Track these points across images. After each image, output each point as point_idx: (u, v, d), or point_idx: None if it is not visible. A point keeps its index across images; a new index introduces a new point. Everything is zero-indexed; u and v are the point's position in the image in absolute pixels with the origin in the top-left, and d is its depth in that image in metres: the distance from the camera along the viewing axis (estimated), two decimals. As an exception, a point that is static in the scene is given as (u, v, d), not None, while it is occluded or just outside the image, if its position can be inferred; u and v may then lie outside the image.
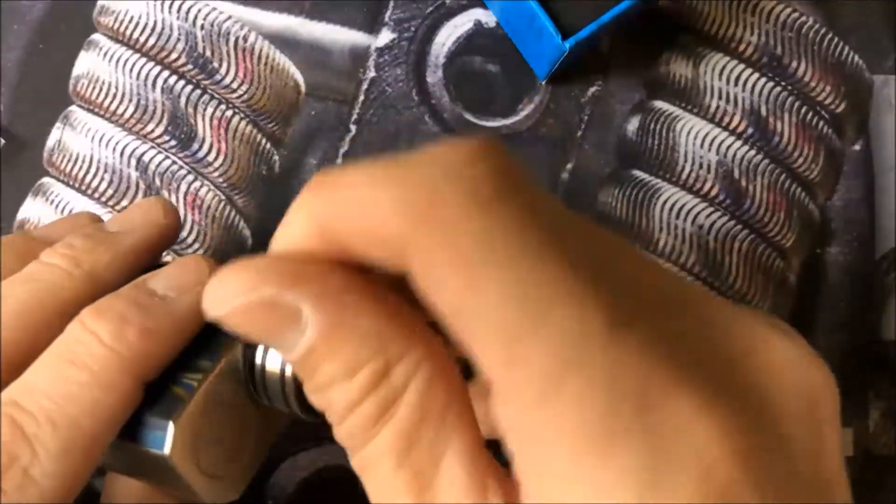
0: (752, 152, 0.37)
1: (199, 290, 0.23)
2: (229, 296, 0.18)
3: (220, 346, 0.23)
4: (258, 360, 0.23)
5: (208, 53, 0.36)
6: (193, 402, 0.22)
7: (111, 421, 0.22)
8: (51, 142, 0.36)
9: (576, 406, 0.15)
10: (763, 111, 0.37)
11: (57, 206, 0.36)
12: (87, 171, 0.36)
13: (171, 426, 0.22)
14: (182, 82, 0.36)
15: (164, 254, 0.36)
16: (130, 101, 0.36)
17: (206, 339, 0.24)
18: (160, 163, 0.36)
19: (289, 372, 0.23)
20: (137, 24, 0.36)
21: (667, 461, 0.15)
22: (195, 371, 0.23)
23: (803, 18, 0.37)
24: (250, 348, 0.23)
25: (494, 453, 0.17)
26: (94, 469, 0.22)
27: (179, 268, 0.24)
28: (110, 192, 0.36)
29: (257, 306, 0.17)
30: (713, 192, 0.36)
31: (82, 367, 0.22)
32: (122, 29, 0.37)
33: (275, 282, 0.17)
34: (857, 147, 0.37)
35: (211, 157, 0.36)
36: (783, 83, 0.37)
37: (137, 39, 0.36)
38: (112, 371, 0.22)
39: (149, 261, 0.26)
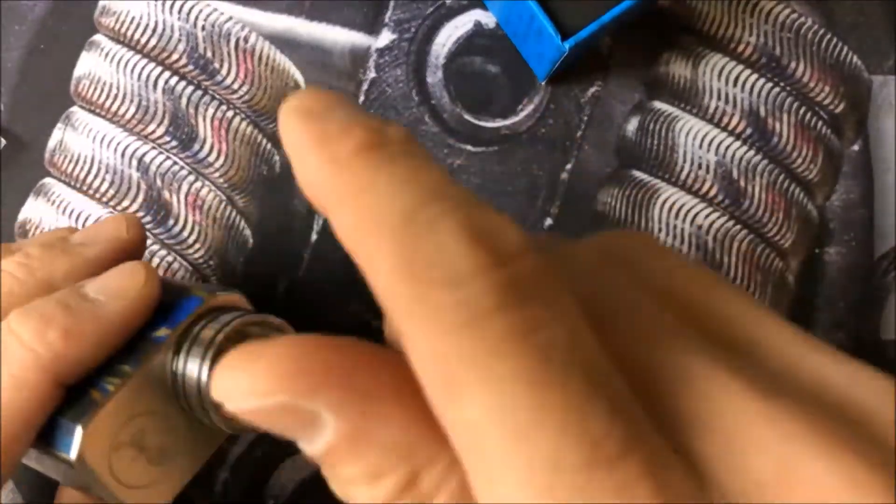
0: (751, 153, 0.37)
1: (132, 297, 0.23)
2: (240, 395, 0.16)
3: (147, 353, 0.23)
4: (178, 370, 0.23)
5: (209, 54, 0.36)
6: (106, 407, 0.22)
7: (27, 421, 0.22)
8: (52, 142, 0.36)
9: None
10: (762, 112, 0.37)
11: (58, 207, 0.36)
12: (89, 172, 0.36)
13: (78, 430, 0.21)
14: (183, 83, 0.36)
15: (172, 261, 0.36)
16: (131, 101, 0.36)
17: (137, 344, 0.23)
18: (161, 163, 0.36)
19: (205, 380, 0.22)
20: (138, 24, 0.37)
21: None
22: (116, 375, 0.23)
23: (802, 19, 0.37)
24: (174, 357, 0.23)
25: None
26: (14, 470, 0.22)
27: (117, 273, 0.24)
28: (111, 192, 0.36)
29: (273, 410, 0.16)
30: (712, 193, 0.36)
31: (2, 369, 0.22)
32: (123, 30, 0.37)
33: (291, 388, 0.16)
34: (855, 147, 0.37)
35: (212, 158, 0.36)
36: (782, 84, 0.37)
37: (138, 40, 0.37)
38: (29, 371, 0.22)
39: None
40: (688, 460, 0.15)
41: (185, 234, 0.36)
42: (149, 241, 0.36)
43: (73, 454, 0.21)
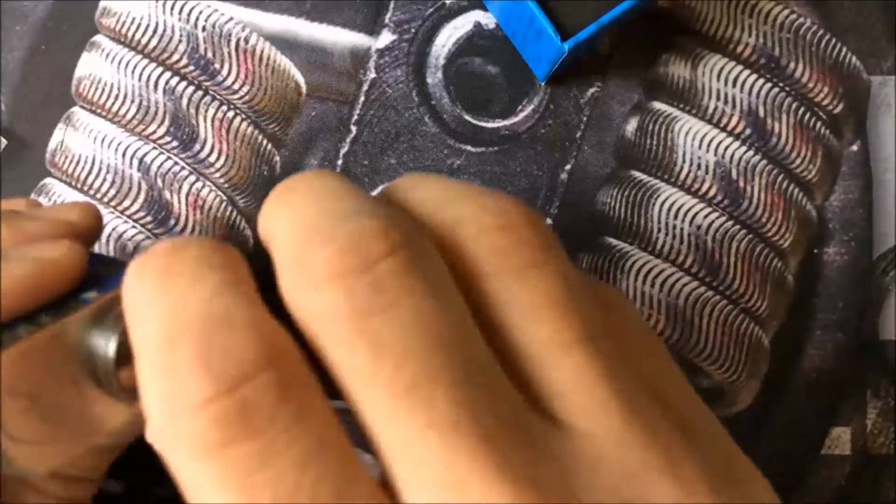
0: (750, 153, 0.37)
1: (44, 261, 0.22)
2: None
3: (69, 309, 0.22)
4: (92, 336, 0.22)
5: (210, 55, 0.37)
6: (13, 348, 0.21)
7: None
8: (53, 142, 0.37)
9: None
10: (761, 112, 0.37)
11: (59, 207, 0.36)
12: (90, 172, 0.36)
13: None
14: (184, 83, 0.36)
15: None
16: (132, 102, 0.36)
17: (63, 301, 0.22)
18: (162, 163, 0.36)
19: (111, 352, 0.21)
20: (139, 25, 0.37)
21: None
22: (31, 323, 0.22)
23: (801, 20, 0.37)
24: (92, 324, 0.22)
25: None
26: None
27: (43, 243, 0.23)
28: (112, 192, 0.36)
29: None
30: (711, 193, 0.36)
31: None
32: (124, 30, 0.37)
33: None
34: (854, 148, 0.37)
35: (212, 158, 0.36)
36: (781, 84, 0.37)
37: (139, 41, 0.37)
38: None
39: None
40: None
41: (186, 234, 0.36)
42: (149, 242, 0.36)
43: None
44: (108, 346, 0.22)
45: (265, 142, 0.37)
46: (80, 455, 0.22)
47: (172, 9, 0.37)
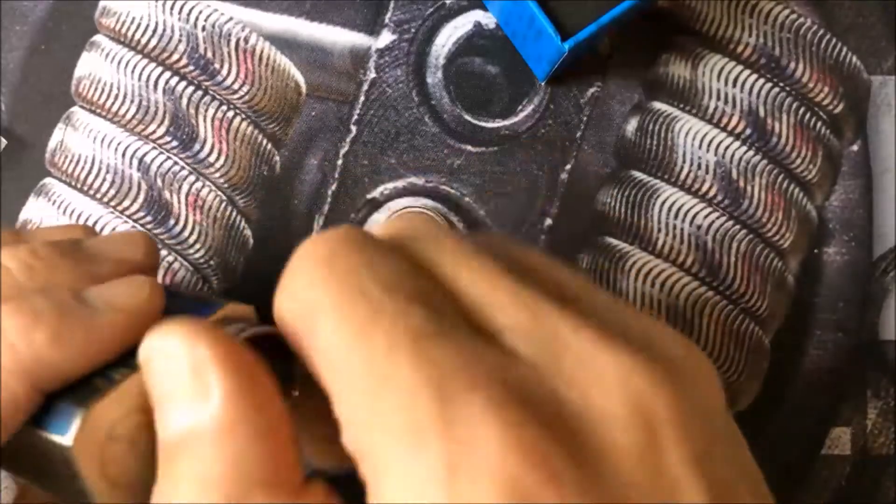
0: (751, 153, 0.37)
1: (131, 310, 0.22)
2: (159, 345, 0.20)
3: None
4: None
5: (209, 54, 0.36)
6: (110, 395, 0.21)
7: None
8: (53, 142, 0.37)
9: (392, 413, 0.17)
10: (761, 112, 0.37)
11: (59, 207, 0.36)
12: (89, 172, 0.36)
13: (79, 412, 0.20)
14: (183, 83, 0.36)
15: (173, 261, 0.36)
16: (132, 102, 0.36)
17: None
18: (162, 163, 0.36)
19: None
20: (139, 25, 0.37)
21: (464, 460, 0.17)
22: (123, 367, 0.22)
23: (801, 20, 0.37)
24: None
25: None
26: None
27: (122, 284, 0.23)
28: (112, 192, 0.36)
29: (174, 365, 0.19)
30: (712, 193, 0.36)
31: None
32: (123, 30, 0.37)
33: (203, 354, 0.19)
34: (854, 148, 0.37)
35: (212, 158, 0.36)
36: (781, 84, 0.37)
37: (139, 41, 0.37)
38: (9, 371, 0.20)
39: None
40: (503, 347, 0.18)
41: (186, 234, 0.36)
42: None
43: (68, 438, 0.20)
44: None
45: (265, 142, 0.37)
46: None
47: (172, 9, 0.37)
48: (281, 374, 0.20)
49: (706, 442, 0.18)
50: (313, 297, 0.19)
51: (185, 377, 0.19)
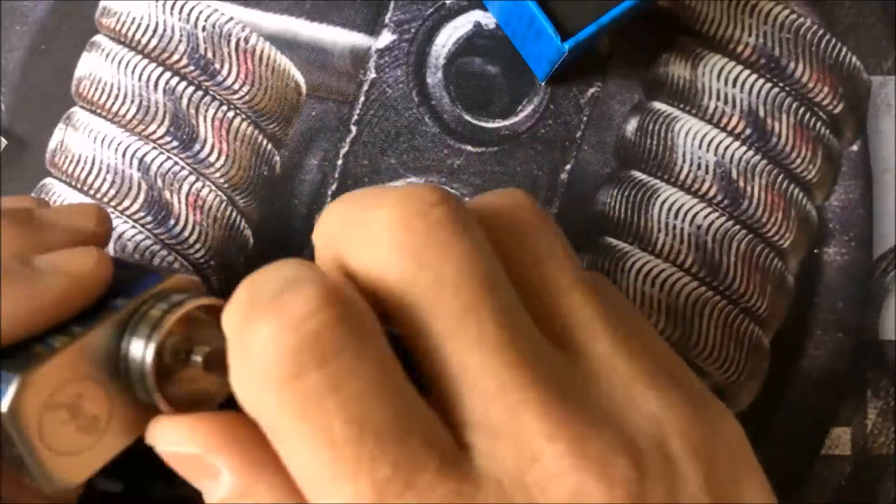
0: (751, 153, 0.37)
1: (76, 275, 0.22)
2: (165, 441, 0.21)
3: (99, 318, 0.22)
4: (124, 345, 0.22)
5: (210, 55, 0.37)
6: (50, 361, 0.21)
7: None
8: (53, 142, 0.37)
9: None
10: (761, 112, 0.37)
11: (59, 207, 0.36)
12: (90, 172, 0.36)
13: (16, 379, 0.20)
14: (184, 83, 0.36)
15: (173, 261, 0.36)
16: (132, 102, 0.36)
17: (90, 310, 0.23)
18: (162, 163, 0.36)
19: (149, 362, 0.22)
20: (139, 25, 0.37)
21: None
22: (63, 334, 0.22)
23: (801, 20, 0.37)
24: (122, 331, 0.22)
25: None
26: None
27: (69, 252, 0.23)
28: (112, 192, 0.36)
29: (184, 457, 0.21)
30: (711, 193, 0.36)
31: None
32: (123, 30, 0.37)
33: (202, 443, 0.21)
34: (854, 148, 0.37)
35: (212, 158, 0.36)
36: (781, 84, 0.37)
37: (139, 41, 0.37)
38: None
39: None
40: (469, 467, 0.19)
41: (186, 234, 0.36)
42: (149, 241, 0.36)
43: (4, 405, 0.20)
44: (145, 352, 0.22)
45: (265, 142, 0.37)
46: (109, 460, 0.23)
47: (172, 9, 0.37)
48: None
49: None
50: (272, 414, 0.19)
51: (193, 469, 0.21)
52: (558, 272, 0.22)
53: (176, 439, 0.21)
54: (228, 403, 0.21)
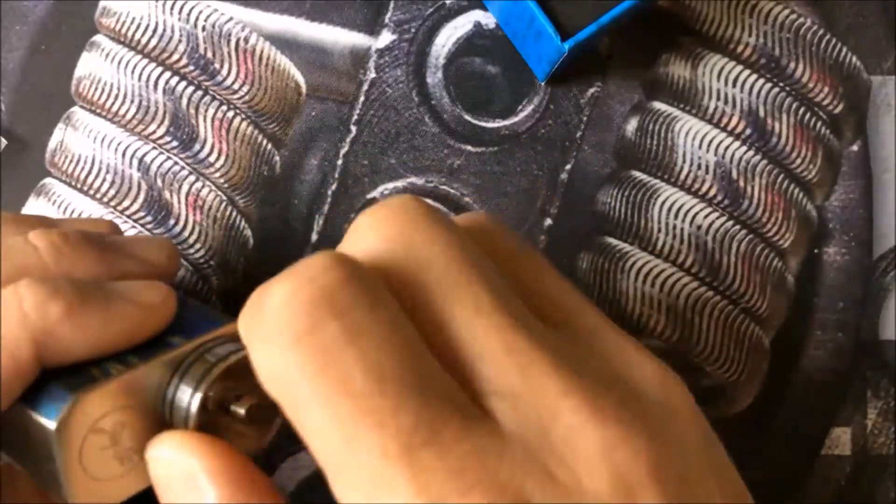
0: (751, 153, 0.37)
1: (146, 307, 0.23)
2: (167, 447, 0.22)
3: (155, 353, 0.23)
4: (173, 384, 0.23)
5: (209, 55, 0.36)
6: (105, 386, 0.21)
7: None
8: (53, 142, 0.37)
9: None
10: (761, 112, 0.37)
11: (59, 207, 0.36)
12: (89, 172, 0.36)
13: (69, 398, 0.21)
14: (183, 83, 0.36)
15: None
16: (132, 102, 0.36)
17: (149, 343, 0.23)
18: (162, 163, 0.36)
19: (193, 412, 0.22)
20: (139, 25, 0.37)
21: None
22: (120, 362, 0.22)
23: (801, 20, 0.37)
24: (174, 371, 0.23)
25: None
26: None
27: (142, 283, 0.24)
28: (112, 192, 0.36)
29: (177, 468, 0.21)
30: (712, 193, 0.36)
31: None
32: (123, 30, 0.37)
33: (200, 459, 0.21)
34: (854, 148, 0.37)
35: (212, 158, 0.36)
36: (781, 84, 0.37)
37: (139, 41, 0.37)
38: (14, 334, 0.21)
39: None
40: (493, 425, 0.18)
41: (186, 234, 0.36)
42: (149, 242, 0.36)
43: (55, 421, 0.20)
44: (191, 401, 0.22)
45: (265, 142, 0.37)
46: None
47: (172, 9, 0.37)
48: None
49: (683, 487, 0.19)
50: (290, 374, 0.18)
51: (181, 484, 0.21)
52: (530, 262, 0.22)
53: (177, 448, 0.21)
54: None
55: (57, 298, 0.21)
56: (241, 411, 0.23)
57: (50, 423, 0.21)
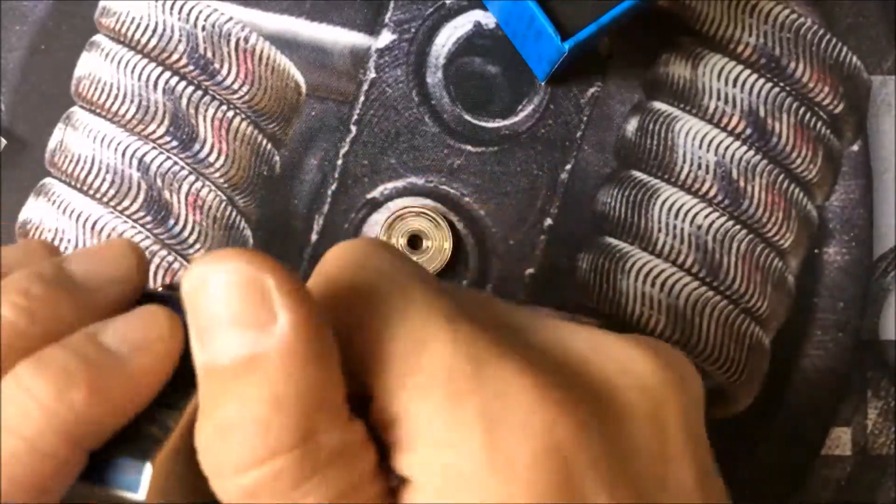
0: (751, 153, 0.37)
1: (157, 350, 0.20)
2: (223, 265, 0.18)
3: (193, 382, 0.21)
4: None
5: (209, 54, 0.36)
6: (170, 442, 0.20)
7: (46, 492, 0.19)
8: (52, 142, 0.37)
9: (429, 375, 0.19)
10: (761, 112, 0.37)
11: (59, 207, 0.36)
12: (89, 172, 0.36)
13: (147, 467, 0.19)
14: (183, 83, 0.36)
15: (173, 261, 0.36)
16: (132, 101, 0.36)
17: (179, 372, 0.21)
18: (161, 163, 0.36)
19: None
20: (139, 25, 0.37)
21: (500, 413, 0.18)
22: (169, 407, 0.21)
23: (801, 19, 0.37)
24: None
25: None
26: None
27: (137, 321, 0.21)
28: (112, 192, 0.36)
29: (242, 287, 0.18)
30: (712, 193, 0.36)
31: (13, 433, 0.18)
32: (123, 30, 0.37)
33: (274, 274, 0.18)
34: (855, 147, 0.37)
35: (212, 158, 0.36)
36: (781, 84, 0.37)
37: (139, 40, 0.37)
38: (47, 435, 0.18)
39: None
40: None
41: (186, 234, 0.36)
42: (149, 241, 0.36)
43: (141, 494, 0.19)
44: None
45: (265, 142, 0.37)
46: None
47: (172, 8, 0.37)
48: None
49: (620, 467, 0.19)
50: (381, 267, 0.20)
51: (247, 304, 0.18)
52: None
53: (233, 271, 0.18)
54: None
55: (74, 383, 0.19)
56: None
57: (139, 497, 0.20)
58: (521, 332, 0.21)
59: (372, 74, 0.37)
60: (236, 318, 0.18)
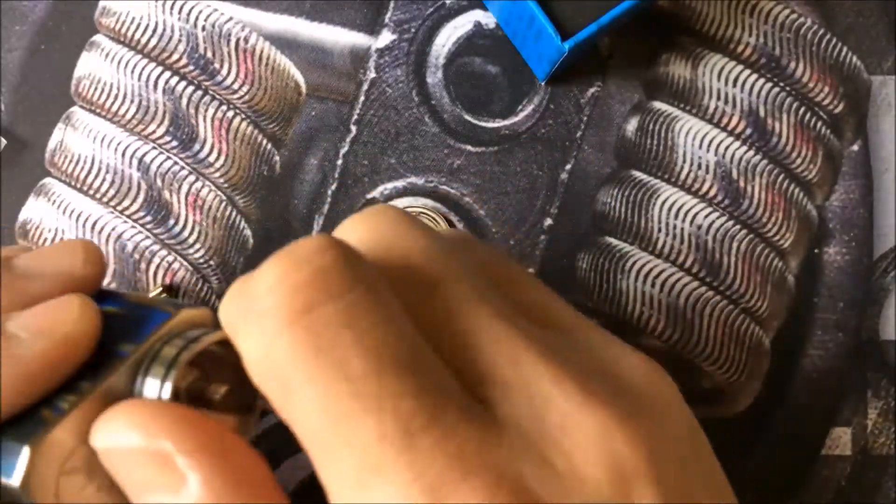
0: (751, 153, 0.37)
1: (58, 336, 0.20)
2: (120, 429, 0.18)
3: (108, 369, 0.20)
4: (138, 389, 0.20)
5: (209, 54, 0.36)
6: (59, 426, 0.19)
7: None
8: (52, 142, 0.37)
9: (386, 497, 0.17)
10: (761, 112, 0.37)
11: (59, 207, 0.36)
12: (89, 172, 0.36)
13: (25, 451, 0.18)
14: (183, 83, 0.36)
15: (172, 261, 0.36)
16: (132, 101, 0.36)
17: (98, 358, 0.21)
18: (161, 163, 0.36)
19: (166, 398, 0.20)
20: (139, 25, 0.37)
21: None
22: (72, 392, 0.20)
23: (801, 19, 0.37)
24: (135, 375, 0.21)
25: None
26: None
27: (45, 307, 0.21)
28: (112, 192, 0.36)
29: (153, 453, 0.18)
30: (712, 193, 0.36)
31: None
32: (123, 30, 0.37)
33: (175, 439, 0.18)
34: (855, 147, 0.37)
35: (212, 158, 0.36)
36: (781, 84, 0.37)
37: (139, 40, 0.37)
38: None
39: None
40: (489, 414, 0.18)
41: (186, 234, 0.36)
42: (149, 242, 0.36)
43: (16, 479, 0.18)
44: (160, 395, 0.20)
45: (265, 142, 0.37)
46: None
47: (172, 8, 0.37)
48: (246, 380, 0.19)
49: (676, 475, 0.19)
50: (282, 358, 0.17)
51: (152, 472, 0.18)
52: (509, 268, 0.22)
53: (132, 438, 0.18)
54: None
55: None
56: (217, 398, 0.21)
57: (12, 482, 0.18)
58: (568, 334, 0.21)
59: (372, 74, 0.37)
60: (150, 485, 0.18)
